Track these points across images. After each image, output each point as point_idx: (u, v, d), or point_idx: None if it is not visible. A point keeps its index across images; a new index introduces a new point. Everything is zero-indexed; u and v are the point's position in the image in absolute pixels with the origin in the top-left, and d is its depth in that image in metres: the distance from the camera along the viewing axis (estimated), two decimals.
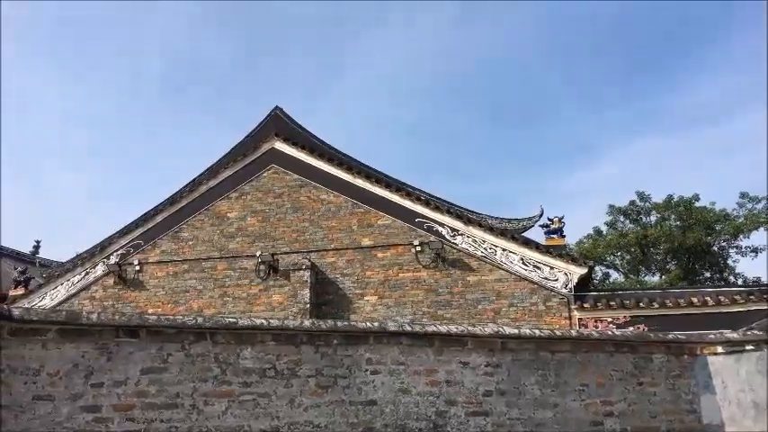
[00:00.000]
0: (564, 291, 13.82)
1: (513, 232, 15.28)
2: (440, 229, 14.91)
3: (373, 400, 5.52)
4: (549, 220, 15.84)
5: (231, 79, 61.12)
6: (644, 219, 30.33)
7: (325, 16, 58.74)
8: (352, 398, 5.47)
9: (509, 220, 17.00)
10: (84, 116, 57.14)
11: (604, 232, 30.88)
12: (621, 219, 30.68)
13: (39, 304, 15.94)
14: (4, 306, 4.90)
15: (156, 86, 59.80)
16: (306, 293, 14.63)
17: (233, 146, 17.91)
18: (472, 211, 17.00)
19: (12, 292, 16.55)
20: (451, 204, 16.65)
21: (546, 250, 14.38)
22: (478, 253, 14.54)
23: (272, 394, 5.29)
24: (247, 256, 15.55)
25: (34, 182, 55.42)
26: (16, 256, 25.93)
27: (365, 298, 14.74)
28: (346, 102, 62.74)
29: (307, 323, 5.73)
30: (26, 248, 27.48)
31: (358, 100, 63.16)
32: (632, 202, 30.22)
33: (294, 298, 14.73)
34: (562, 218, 15.72)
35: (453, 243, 14.73)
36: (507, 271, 14.25)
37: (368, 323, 5.89)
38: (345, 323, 5.83)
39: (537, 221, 16.61)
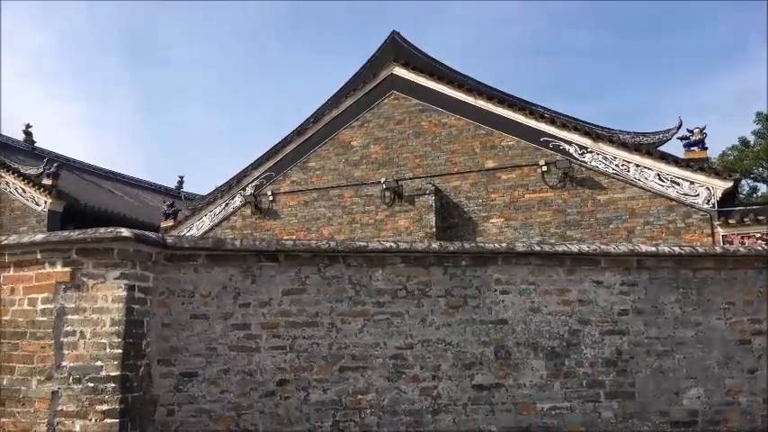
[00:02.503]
0: (706, 206, 12.97)
1: (647, 147, 14.41)
2: (567, 147, 14.35)
3: (504, 319, 5.55)
4: (689, 131, 14.71)
5: (347, 8, 60.90)
6: None
7: None
8: (483, 317, 5.54)
9: (643, 135, 16.00)
10: (212, 59, 59.60)
11: (752, 142, 28.30)
12: None
13: (187, 234, 17.32)
14: (160, 235, 5.36)
15: (275, 25, 60.85)
16: (431, 218, 14.77)
17: (353, 75, 18.01)
18: (602, 127, 16.14)
19: (163, 224, 18.04)
20: (579, 121, 15.89)
21: (685, 164, 13.46)
22: (609, 170, 13.90)
23: (405, 314, 5.47)
24: (372, 182, 15.85)
25: (176, 123, 59.22)
26: (163, 191, 28.14)
27: (491, 221, 14.65)
28: (460, 24, 60.72)
29: (435, 245, 5.80)
30: (171, 184, 29.73)
31: (471, 20, 60.90)
32: None
33: (419, 222, 14.94)
34: (703, 128, 14.55)
35: (582, 161, 14.15)
36: (641, 188, 13.55)
37: (496, 244, 5.87)
38: (473, 244, 5.83)
39: (674, 134, 15.51)
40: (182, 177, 30.39)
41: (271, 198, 16.82)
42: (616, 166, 13.86)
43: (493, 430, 5.32)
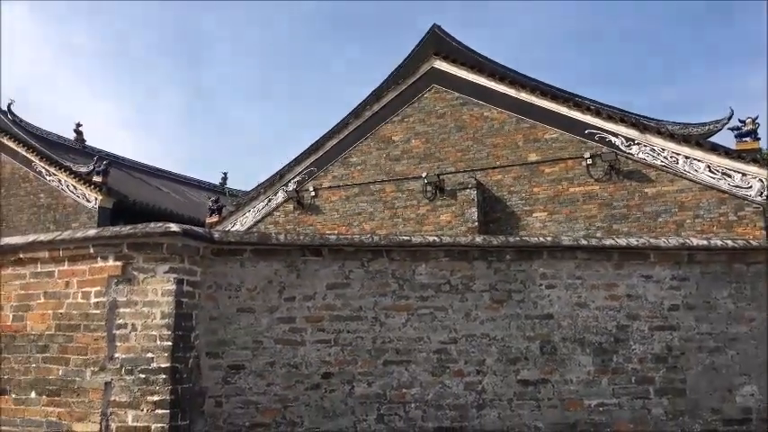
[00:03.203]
0: (759, 199, 12.54)
1: (697, 138, 14.01)
2: (613, 139, 14.06)
3: (549, 313, 5.48)
4: (741, 121, 14.22)
5: (388, 4, 60.83)
6: None
7: None
8: (528, 311, 5.48)
9: (692, 126, 15.58)
10: (254, 57, 60.32)
11: None
12: None
13: (231, 229, 17.59)
14: (207, 229, 5.46)
15: (317, 23, 61.23)
16: (473, 212, 14.66)
17: (394, 69, 17.99)
18: (649, 118, 15.77)
19: (207, 220, 18.37)
20: (625, 112, 15.54)
21: (737, 155, 13.03)
22: (657, 162, 13.56)
23: (449, 308, 5.45)
24: (414, 177, 15.82)
25: (220, 120, 60.19)
26: (208, 187, 28.65)
27: (534, 214, 14.47)
28: (502, 13, 60.01)
29: (478, 239, 5.76)
30: (215, 180, 30.24)
31: (513, 9, 60.13)
32: None
33: (462, 217, 14.84)
34: (756, 119, 14.04)
35: (628, 153, 13.84)
36: (691, 180, 13.18)
37: (541, 237, 5.79)
38: (517, 238, 5.77)
39: (725, 125, 15.05)
40: (225, 174, 30.91)
41: (313, 193, 16.95)
42: (664, 158, 13.52)
43: (539, 426, 5.26)
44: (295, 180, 17.32)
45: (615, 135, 14.07)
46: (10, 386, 5.24)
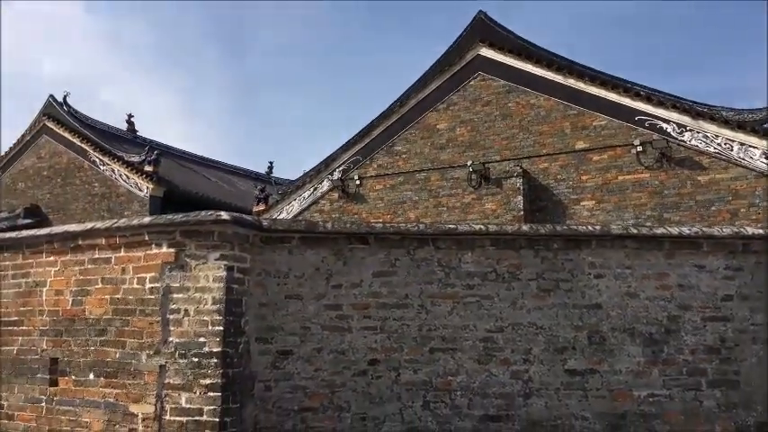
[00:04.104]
0: None
1: (752, 124, 13.51)
2: (664, 126, 13.70)
3: (598, 303, 5.42)
4: None
5: None
6: None
7: None
8: (576, 301, 5.43)
9: (747, 111, 15.01)
10: (298, 45, 60.77)
11: None
12: None
13: (278, 218, 17.83)
14: (256, 217, 5.57)
15: (361, 10, 61.21)
16: (519, 201, 14.52)
17: (439, 57, 17.86)
18: (702, 104, 15.26)
19: (254, 208, 18.66)
20: (677, 98, 15.10)
21: None
22: (710, 149, 13.17)
23: (495, 296, 5.44)
24: (459, 166, 15.74)
25: (266, 109, 60.95)
26: (254, 176, 29.08)
27: (581, 203, 14.23)
28: None
29: (525, 227, 5.73)
30: (262, 169, 30.67)
31: None
32: None
33: (507, 206, 14.71)
34: None
35: (680, 140, 13.47)
36: (746, 168, 12.76)
37: (589, 226, 5.71)
38: (565, 227, 5.71)
39: None
40: (271, 163, 31.29)
41: (357, 182, 17.02)
42: (718, 144, 13.12)
43: (586, 416, 5.22)
44: (340, 169, 17.43)
45: (667, 122, 13.71)
46: (70, 368, 5.47)
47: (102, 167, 20.41)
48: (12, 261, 6.01)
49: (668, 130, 13.62)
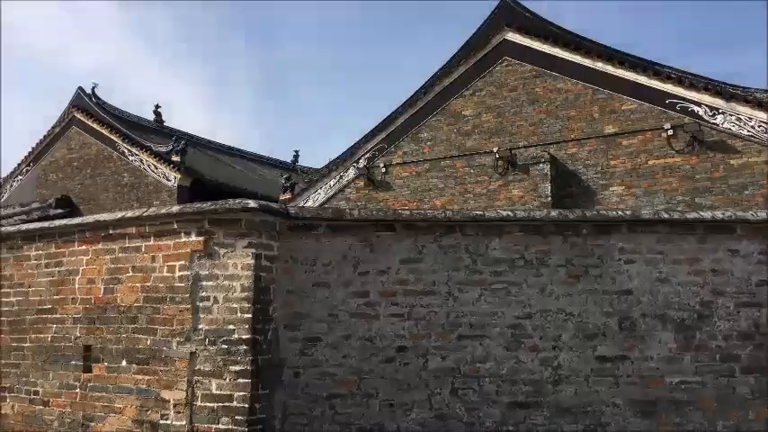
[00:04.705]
0: None
1: None
2: (695, 108, 13.41)
3: (629, 289, 5.34)
4: None
5: None
6: None
7: None
8: (606, 287, 5.36)
9: None
10: (321, 34, 60.72)
11: None
12: None
13: (304, 206, 17.90)
14: (282, 205, 5.59)
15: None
16: (546, 187, 14.36)
17: (464, 42, 17.68)
18: (734, 86, 14.90)
19: (281, 197, 18.76)
20: (709, 80, 14.76)
21: None
22: (744, 132, 12.87)
23: (523, 283, 5.39)
24: (485, 152, 15.61)
25: (291, 98, 61.13)
26: (280, 165, 29.19)
27: (610, 189, 14.03)
28: None
29: (553, 213, 5.66)
30: (287, 158, 30.77)
31: None
32: None
33: (534, 192, 14.57)
34: None
35: (713, 123, 13.19)
36: None
37: (619, 211, 5.63)
38: (594, 212, 5.63)
39: None
40: (297, 151, 31.30)
41: (383, 170, 17.00)
42: (752, 127, 12.81)
43: (617, 403, 5.17)
44: (365, 157, 17.41)
45: (698, 104, 13.42)
46: (103, 354, 5.57)
47: (130, 158, 20.68)
48: (45, 250, 6.13)
49: (700, 113, 13.34)
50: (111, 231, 5.68)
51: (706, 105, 13.32)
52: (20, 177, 23.30)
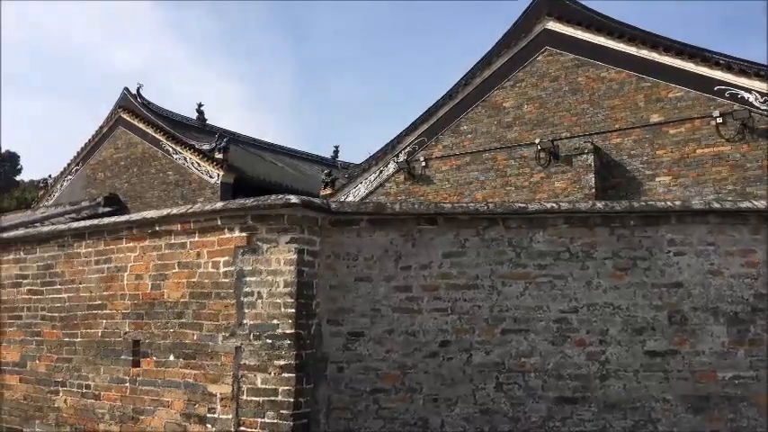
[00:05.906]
0: None
1: None
2: (745, 95, 12.96)
3: (679, 282, 5.19)
4: None
5: None
6: None
7: None
8: (655, 280, 5.22)
9: None
10: (357, 28, 60.71)
11: None
12: None
13: (345, 201, 17.96)
14: (324, 200, 5.60)
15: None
16: (590, 178, 14.10)
17: (504, 33, 17.46)
18: None
19: (321, 192, 18.88)
20: (760, 65, 14.25)
21: None
22: None
23: (568, 276, 5.29)
24: (526, 144, 15.41)
25: (330, 94, 61.40)
26: (320, 161, 29.39)
27: (657, 179, 13.69)
28: None
29: (599, 204, 5.54)
30: (327, 154, 30.95)
31: None
32: None
33: (578, 184, 14.31)
34: None
35: (764, 110, 12.73)
36: None
37: (668, 202, 5.47)
38: (642, 203, 5.48)
39: None
40: (337, 147, 31.48)
41: (423, 164, 16.94)
42: None
43: (668, 398, 5.03)
44: (405, 151, 17.37)
45: (748, 91, 12.97)
46: (151, 349, 5.68)
47: (174, 156, 21.07)
48: (94, 248, 6.28)
49: (750, 100, 12.89)
50: (157, 228, 5.79)
51: (756, 92, 12.87)
52: (69, 177, 24.01)
